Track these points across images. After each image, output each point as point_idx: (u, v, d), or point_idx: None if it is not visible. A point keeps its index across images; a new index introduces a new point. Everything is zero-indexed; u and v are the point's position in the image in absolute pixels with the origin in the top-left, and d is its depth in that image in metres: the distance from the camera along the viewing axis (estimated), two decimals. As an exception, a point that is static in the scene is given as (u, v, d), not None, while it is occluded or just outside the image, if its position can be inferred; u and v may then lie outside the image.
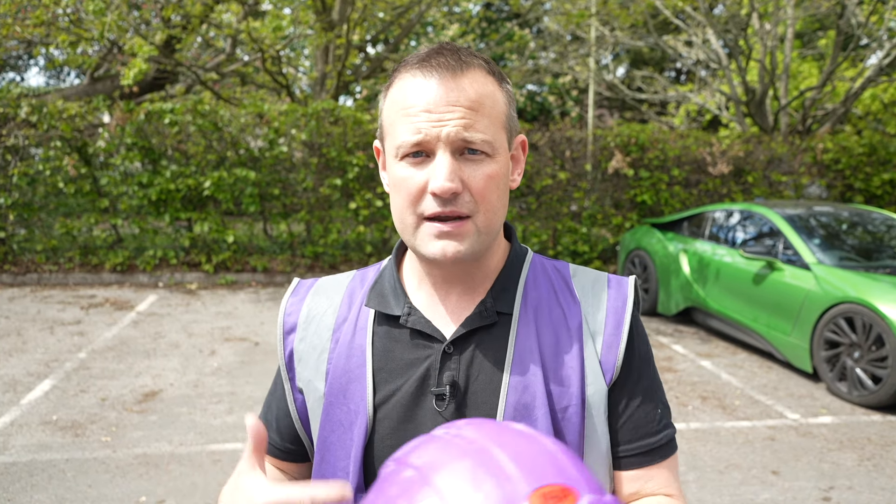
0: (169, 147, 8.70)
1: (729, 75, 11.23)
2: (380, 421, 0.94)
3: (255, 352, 5.84)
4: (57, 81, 23.54)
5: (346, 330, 1.00)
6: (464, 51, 0.92)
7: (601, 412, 0.94)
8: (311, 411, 1.00)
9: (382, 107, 0.96)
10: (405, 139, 0.88)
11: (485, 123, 0.89)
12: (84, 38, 8.85)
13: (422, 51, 0.93)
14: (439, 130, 0.87)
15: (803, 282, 5.63)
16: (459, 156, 0.89)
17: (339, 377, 0.97)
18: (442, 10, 14.75)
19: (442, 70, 0.88)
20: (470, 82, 0.89)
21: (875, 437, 4.46)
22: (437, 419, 0.92)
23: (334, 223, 9.24)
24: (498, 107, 0.92)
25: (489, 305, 0.96)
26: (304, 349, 1.02)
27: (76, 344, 5.89)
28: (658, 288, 7.58)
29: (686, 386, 5.38)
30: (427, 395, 0.93)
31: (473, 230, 0.90)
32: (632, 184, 9.78)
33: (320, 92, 10.91)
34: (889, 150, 10.47)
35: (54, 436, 4.04)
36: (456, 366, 0.94)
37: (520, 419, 0.90)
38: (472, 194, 0.89)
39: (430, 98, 0.87)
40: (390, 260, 1.05)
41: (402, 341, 0.97)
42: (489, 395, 0.92)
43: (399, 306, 0.98)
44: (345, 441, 0.95)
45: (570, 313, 0.97)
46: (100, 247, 9.00)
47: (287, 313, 1.05)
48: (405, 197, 0.90)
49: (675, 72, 22.69)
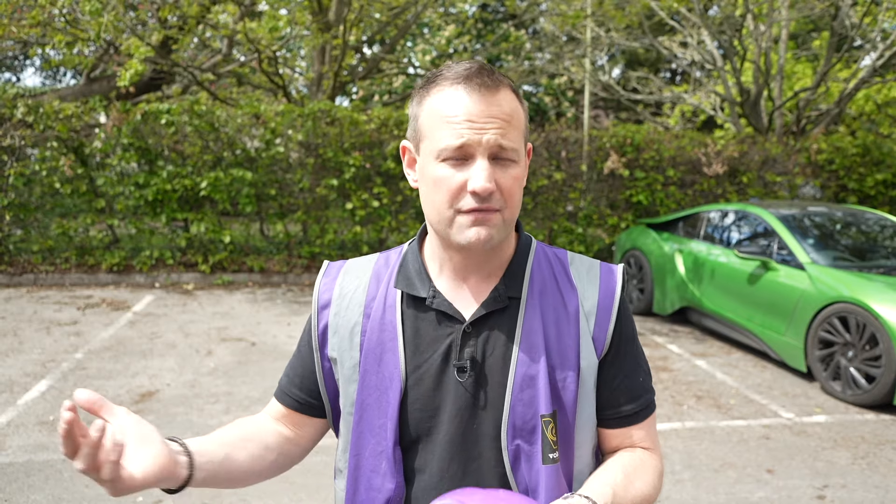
0: (165, 147, 8.70)
1: (724, 76, 11.27)
2: (411, 387, 1.10)
3: (252, 352, 5.84)
4: (53, 82, 23.48)
5: (377, 307, 1.15)
6: (496, 71, 1.07)
7: (591, 381, 1.12)
8: (345, 377, 1.15)
9: (418, 112, 1.09)
10: (449, 143, 1.02)
11: (514, 134, 1.05)
12: (80, 39, 8.85)
13: (459, 66, 1.06)
14: (480, 137, 1.01)
15: (798, 282, 5.66)
16: (493, 160, 1.03)
17: (374, 348, 1.12)
18: (438, 10, 14.78)
19: (483, 88, 1.03)
20: (503, 99, 1.04)
21: (869, 435, 4.49)
22: (459, 388, 1.09)
23: (331, 223, 9.25)
24: (522, 120, 1.08)
25: (502, 291, 1.12)
26: (338, 322, 1.16)
27: (73, 344, 5.89)
28: (653, 288, 7.61)
29: (681, 385, 5.41)
30: (450, 368, 1.10)
31: (500, 221, 1.05)
32: (627, 184, 9.81)
33: (317, 92, 10.92)
34: (882, 150, 10.53)
35: (51, 436, 4.05)
36: (474, 343, 1.10)
37: (525, 388, 1.07)
38: (503, 193, 1.04)
39: (473, 110, 1.02)
40: (412, 245, 1.19)
41: (427, 320, 1.12)
42: (501, 367, 1.09)
43: (425, 289, 1.13)
44: (381, 403, 1.11)
45: (569, 297, 1.13)
46: (96, 247, 8.99)
47: (322, 291, 1.20)
48: (446, 194, 1.04)
49: (671, 73, 22.76)
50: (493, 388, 1.08)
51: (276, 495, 3.46)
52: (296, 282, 9.07)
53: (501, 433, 1.07)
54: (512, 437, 1.07)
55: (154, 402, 4.64)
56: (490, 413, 1.08)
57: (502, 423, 1.07)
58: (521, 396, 1.07)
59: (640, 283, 7.87)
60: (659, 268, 7.54)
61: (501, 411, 1.07)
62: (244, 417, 1.25)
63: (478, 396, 1.09)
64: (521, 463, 1.07)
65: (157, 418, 4.36)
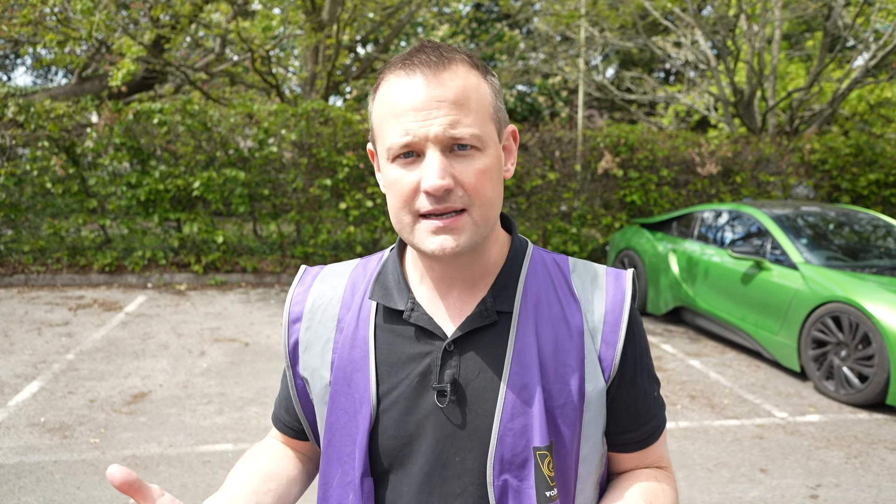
0: (158, 147, 8.66)
1: (717, 76, 11.30)
2: (383, 411, 0.97)
3: (245, 352, 5.82)
4: (44, 81, 23.37)
5: (350, 320, 1.02)
6: (445, 47, 0.92)
7: (598, 407, 0.97)
8: (317, 398, 1.03)
9: (371, 109, 0.96)
10: (394, 141, 0.89)
11: (472, 118, 0.89)
12: (72, 38, 8.79)
13: (406, 50, 0.93)
14: (427, 130, 0.87)
15: (791, 281, 5.67)
16: (449, 153, 0.89)
17: (344, 367, 1.00)
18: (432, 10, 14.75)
19: (424, 68, 0.89)
20: (452, 77, 0.89)
21: (862, 434, 4.50)
22: (439, 414, 0.95)
23: (324, 223, 9.22)
24: (484, 99, 0.92)
25: (489, 305, 0.97)
26: (309, 338, 1.04)
27: (64, 345, 5.85)
28: (647, 288, 7.62)
29: (675, 385, 5.41)
30: (429, 391, 0.96)
31: (470, 223, 0.90)
32: (621, 184, 9.82)
33: (310, 92, 10.89)
34: (875, 150, 10.57)
35: (42, 438, 4.02)
36: (456, 363, 0.96)
37: (517, 416, 0.93)
38: (465, 189, 0.89)
39: (415, 97, 0.88)
40: (392, 252, 1.06)
41: (404, 336, 0.99)
42: (489, 392, 0.95)
43: (403, 301, 0.99)
44: (350, 428, 0.99)
45: (570, 311, 0.98)
46: (88, 247, 8.94)
47: (293, 303, 1.08)
48: (399, 198, 0.91)
49: (664, 73, 22.80)
50: (478, 415, 0.94)
51: (269, 497, 3.44)
52: (289, 282, 9.04)
53: (487, 467, 0.93)
54: (499, 471, 0.93)
55: (146, 402, 4.61)
56: (475, 444, 0.94)
57: (489, 455, 0.93)
58: (511, 425, 0.93)
59: (634, 283, 7.87)
60: (653, 268, 7.55)
61: (488, 442, 0.94)
62: (256, 449, 1.14)
63: (460, 425, 0.95)
64: (509, 502, 0.93)
65: (150, 419, 4.34)
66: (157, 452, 3.88)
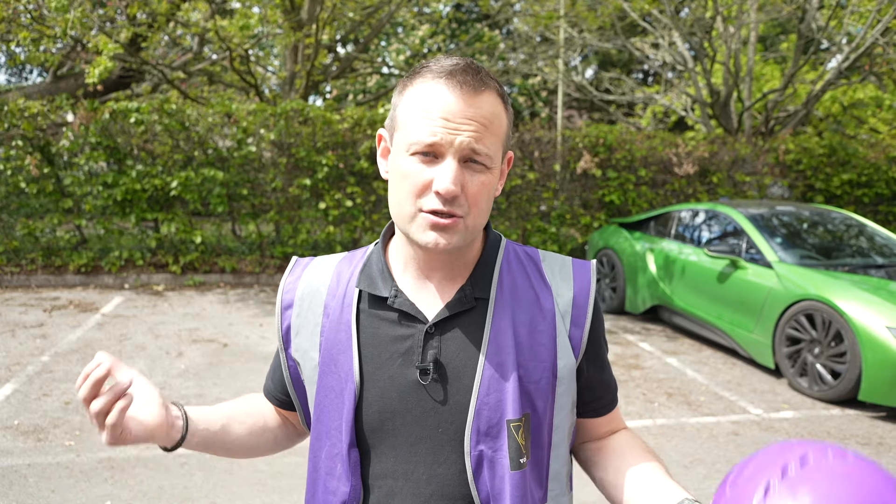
0: (135, 147, 8.56)
1: (694, 77, 11.42)
2: (368, 388, 1.07)
3: (224, 353, 5.78)
4: (19, 79, 23.00)
5: (335, 306, 1.13)
6: (483, 72, 1.03)
7: (569, 381, 1.10)
8: (307, 378, 1.15)
9: (398, 101, 1.05)
10: (420, 138, 0.99)
11: (490, 139, 1.01)
12: (46, 36, 8.67)
13: (447, 61, 1.02)
14: (453, 138, 0.98)
15: (766, 280, 5.76)
16: (463, 163, 1.00)
17: (330, 348, 1.11)
18: (412, 10, 14.76)
19: (465, 87, 0.99)
20: (485, 102, 1.01)
21: (834, 430, 4.58)
22: (421, 391, 1.06)
23: (304, 223, 9.18)
24: (503, 126, 1.05)
25: (468, 292, 1.09)
26: (300, 323, 1.15)
27: (39, 347, 5.77)
28: (626, 286, 7.68)
29: (652, 383, 5.47)
30: (411, 369, 1.07)
31: (463, 228, 1.02)
32: (600, 184, 9.89)
33: (289, 91, 10.84)
34: (848, 151, 10.74)
35: (16, 441, 3.96)
36: (437, 345, 1.07)
37: (493, 391, 1.04)
38: (467, 198, 1.01)
39: (451, 108, 0.99)
40: (377, 244, 1.17)
41: (388, 320, 1.09)
42: (468, 370, 1.06)
43: (387, 288, 1.10)
44: (337, 404, 1.09)
45: (543, 296, 1.11)
46: (63, 248, 8.82)
47: (285, 291, 1.19)
48: (409, 189, 1.01)
49: (643, 74, 22.99)
50: (458, 391, 1.05)
51: (249, 497, 3.42)
52: (268, 282, 8.99)
53: (465, 437, 1.04)
54: (475, 442, 1.03)
55: (122, 404, 4.56)
56: (455, 417, 1.05)
57: (466, 426, 1.04)
58: (488, 400, 1.03)
59: (613, 282, 7.93)
60: (631, 267, 7.62)
61: (466, 415, 1.04)
62: (248, 395, 1.30)
63: (442, 400, 1.05)
64: (484, 470, 1.03)
65: (126, 421, 4.29)
66: (133, 455, 3.84)
